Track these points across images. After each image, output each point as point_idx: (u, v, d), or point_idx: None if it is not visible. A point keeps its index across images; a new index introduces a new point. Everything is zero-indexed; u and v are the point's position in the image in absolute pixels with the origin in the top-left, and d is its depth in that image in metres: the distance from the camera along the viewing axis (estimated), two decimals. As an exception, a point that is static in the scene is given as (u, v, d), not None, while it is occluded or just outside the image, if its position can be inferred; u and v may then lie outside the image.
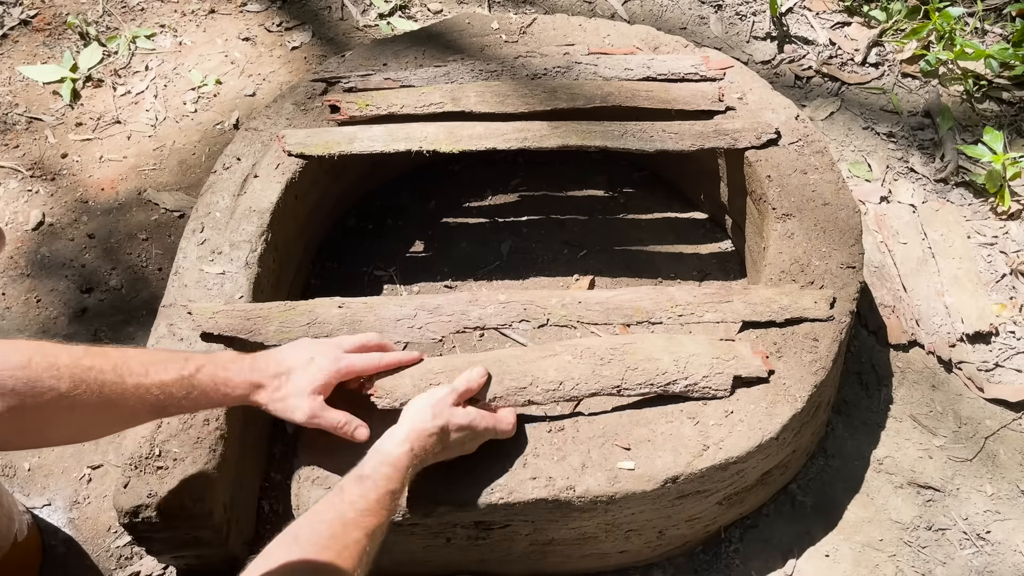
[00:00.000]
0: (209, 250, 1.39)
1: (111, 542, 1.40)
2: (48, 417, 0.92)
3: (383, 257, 1.72)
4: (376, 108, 1.56)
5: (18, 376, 0.90)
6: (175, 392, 1.00)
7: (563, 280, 1.69)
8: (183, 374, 1.01)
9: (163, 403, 1.00)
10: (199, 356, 1.05)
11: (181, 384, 1.01)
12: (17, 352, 0.92)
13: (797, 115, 1.57)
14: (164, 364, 1.01)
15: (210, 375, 1.03)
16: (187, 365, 1.02)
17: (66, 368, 0.93)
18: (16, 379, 0.90)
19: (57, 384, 0.92)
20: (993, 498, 1.45)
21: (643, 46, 1.70)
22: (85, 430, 1.00)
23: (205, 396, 1.03)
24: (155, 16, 2.21)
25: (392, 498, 1.00)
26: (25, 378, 0.90)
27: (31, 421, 0.91)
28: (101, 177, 1.88)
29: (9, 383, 0.89)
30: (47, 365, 0.92)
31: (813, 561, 1.38)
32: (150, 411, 1.00)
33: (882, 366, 1.60)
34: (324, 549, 0.89)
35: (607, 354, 1.23)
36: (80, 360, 0.95)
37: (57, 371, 0.92)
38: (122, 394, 0.96)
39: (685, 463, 1.16)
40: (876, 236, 1.78)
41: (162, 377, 0.99)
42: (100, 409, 0.96)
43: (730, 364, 1.23)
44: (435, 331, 1.29)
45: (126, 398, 0.97)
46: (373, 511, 0.96)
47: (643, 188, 1.84)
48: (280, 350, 1.12)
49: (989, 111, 2.01)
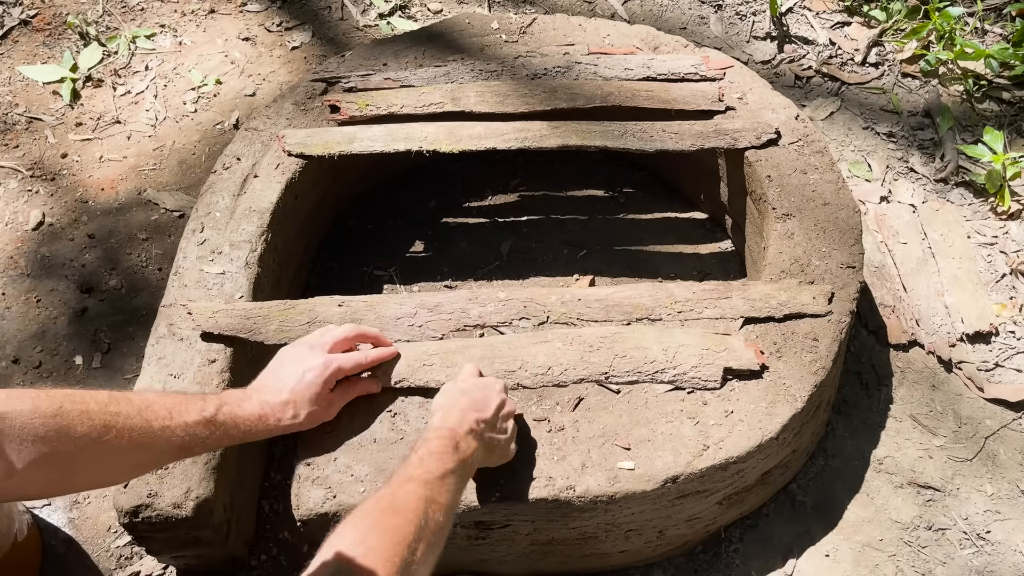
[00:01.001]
0: (209, 250, 1.39)
1: (111, 542, 1.39)
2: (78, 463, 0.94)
3: (383, 257, 1.72)
4: (376, 108, 1.56)
5: (50, 424, 0.91)
6: (199, 433, 1.03)
7: (563, 280, 1.69)
8: (204, 416, 1.04)
9: (188, 444, 1.02)
10: (213, 397, 1.08)
11: (204, 425, 1.04)
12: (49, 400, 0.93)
13: (797, 115, 1.57)
14: (186, 406, 1.04)
15: (230, 414, 1.07)
16: (207, 406, 1.05)
17: (96, 415, 0.95)
18: (48, 427, 0.91)
19: (88, 431, 0.94)
20: (993, 498, 1.45)
21: (643, 46, 1.70)
22: (113, 475, 1.03)
23: (227, 435, 1.07)
24: (155, 16, 2.21)
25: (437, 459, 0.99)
26: (56, 426, 0.91)
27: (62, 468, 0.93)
28: (101, 177, 1.88)
29: (41, 431, 0.90)
30: (78, 412, 0.94)
31: (813, 561, 1.38)
32: (175, 452, 1.03)
33: (882, 366, 1.60)
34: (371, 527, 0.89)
35: (597, 342, 1.25)
36: (108, 407, 0.97)
37: (89, 418, 0.94)
38: (151, 438, 0.99)
39: (685, 463, 1.16)
40: (876, 236, 1.78)
41: (186, 419, 1.02)
42: (129, 453, 0.97)
43: (721, 355, 1.24)
44: (435, 329, 1.30)
45: (155, 441, 0.99)
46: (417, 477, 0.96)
47: (643, 188, 1.84)
48: (275, 375, 1.14)
49: (989, 111, 2.01)
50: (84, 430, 0.93)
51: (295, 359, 1.15)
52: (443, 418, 1.07)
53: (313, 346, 1.16)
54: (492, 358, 1.23)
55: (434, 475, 0.97)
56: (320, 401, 1.13)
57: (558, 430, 1.20)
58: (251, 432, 1.09)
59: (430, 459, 0.99)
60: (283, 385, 1.12)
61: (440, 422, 1.07)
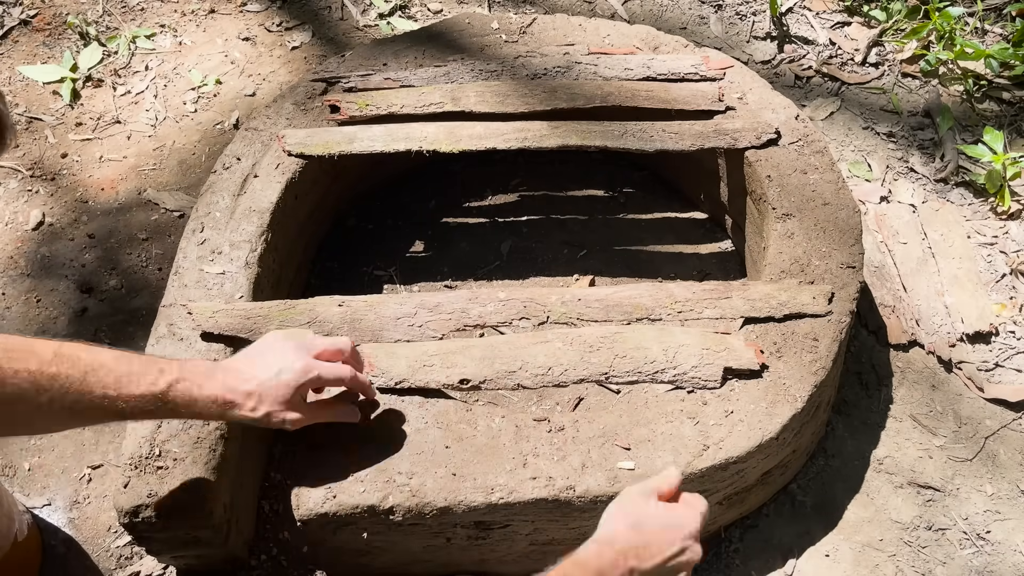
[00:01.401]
0: (209, 250, 1.39)
1: (111, 542, 1.39)
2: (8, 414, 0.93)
3: (383, 257, 1.72)
4: (376, 108, 1.56)
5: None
6: (144, 406, 0.99)
7: (563, 280, 1.69)
8: (153, 391, 0.99)
9: (129, 414, 0.99)
10: (175, 369, 1.02)
11: (151, 399, 0.99)
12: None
13: (797, 115, 1.57)
14: (136, 378, 0.99)
15: (183, 391, 1.01)
16: (159, 380, 1.00)
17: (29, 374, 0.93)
18: None
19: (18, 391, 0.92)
20: (993, 498, 1.45)
21: (643, 46, 1.70)
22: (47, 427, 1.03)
23: (176, 412, 1.02)
24: (155, 16, 2.21)
25: None
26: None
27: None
28: (101, 177, 1.88)
29: None
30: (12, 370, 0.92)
31: (813, 561, 1.38)
32: (115, 419, 1.00)
33: (882, 366, 1.60)
34: None
35: (597, 342, 1.25)
36: (49, 366, 0.94)
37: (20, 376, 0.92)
38: (88, 404, 0.96)
39: (685, 463, 1.16)
40: (876, 236, 1.78)
41: (132, 391, 0.98)
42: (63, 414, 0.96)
43: (721, 355, 1.24)
44: (435, 329, 1.30)
45: (91, 408, 0.97)
46: None
47: (643, 188, 1.84)
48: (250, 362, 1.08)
49: (989, 111, 2.01)
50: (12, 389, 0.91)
51: (276, 353, 1.08)
52: (595, 556, 0.94)
53: (299, 347, 1.09)
54: (492, 358, 1.23)
55: None
56: (288, 405, 1.06)
57: (558, 430, 1.20)
58: (204, 414, 1.04)
59: None
60: (253, 375, 1.05)
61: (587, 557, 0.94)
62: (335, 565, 1.27)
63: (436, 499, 1.13)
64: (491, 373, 1.21)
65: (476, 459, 1.16)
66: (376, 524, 1.15)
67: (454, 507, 1.13)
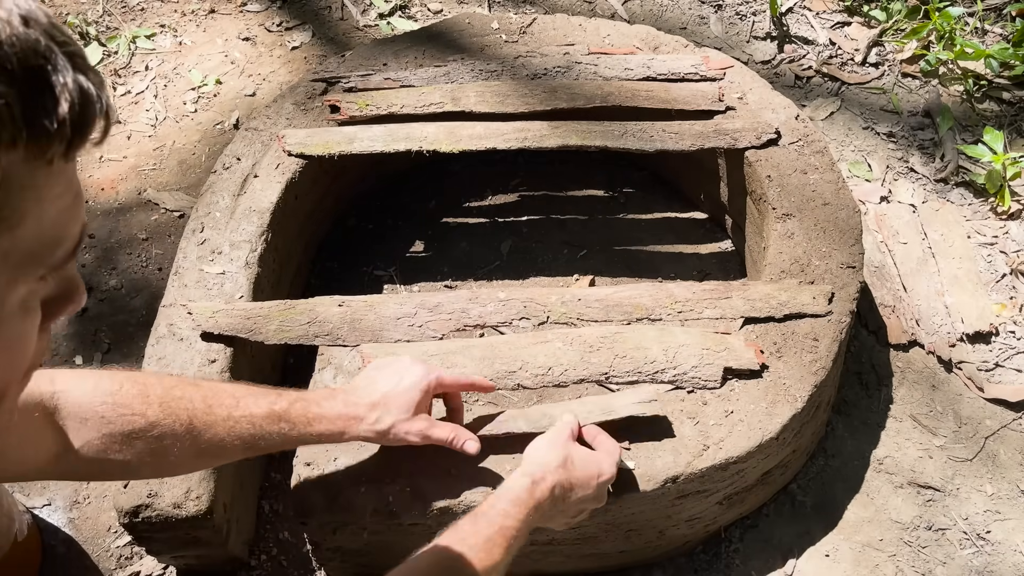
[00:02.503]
0: (209, 250, 1.39)
1: (111, 542, 1.39)
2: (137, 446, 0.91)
3: (383, 257, 1.72)
4: (376, 108, 1.56)
5: (108, 402, 0.89)
6: (265, 426, 0.97)
7: (563, 280, 1.69)
8: (274, 409, 0.97)
9: (253, 436, 0.96)
10: (291, 392, 1.01)
11: (273, 419, 0.97)
12: (111, 380, 0.91)
13: (797, 115, 1.57)
14: (255, 397, 0.98)
15: (302, 410, 0.99)
16: (279, 400, 0.99)
17: (155, 396, 0.92)
18: (106, 405, 0.89)
19: (145, 410, 0.90)
20: (993, 498, 1.45)
21: (643, 46, 1.70)
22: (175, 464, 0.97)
23: (298, 433, 0.99)
24: (155, 16, 2.21)
25: (507, 536, 0.92)
26: (114, 403, 0.89)
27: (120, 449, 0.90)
28: (101, 177, 1.88)
29: (100, 409, 0.88)
30: (137, 392, 0.91)
31: (813, 561, 1.38)
32: (240, 445, 0.97)
33: (882, 366, 1.60)
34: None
35: (597, 342, 1.25)
36: (171, 390, 0.93)
37: (147, 398, 0.91)
38: (211, 425, 0.94)
39: (685, 463, 1.16)
40: (876, 236, 1.77)
41: (252, 410, 0.96)
42: (188, 439, 0.93)
43: (721, 355, 1.24)
44: (435, 329, 1.30)
45: (215, 430, 0.94)
46: (483, 548, 0.90)
47: (643, 188, 1.84)
48: (368, 377, 1.06)
49: (989, 111, 2.01)
50: (141, 408, 0.90)
51: (393, 366, 1.07)
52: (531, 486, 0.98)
53: (415, 360, 1.08)
54: (492, 358, 1.23)
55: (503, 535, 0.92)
56: (415, 413, 1.03)
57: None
58: (324, 434, 1.01)
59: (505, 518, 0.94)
60: (376, 387, 1.03)
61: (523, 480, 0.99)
62: (335, 565, 1.27)
63: (436, 499, 1.13)
64: (491, 373, 1.21)
65: (476, 459, 1.16)
66: (376, 524, 1.15)
67: (454, 507, 1.13)
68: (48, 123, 0.44)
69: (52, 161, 0.46)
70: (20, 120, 0.43)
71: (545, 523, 1.02)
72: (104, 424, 0.88)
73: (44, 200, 0.47)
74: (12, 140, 0.43)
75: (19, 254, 0.47)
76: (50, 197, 0.48)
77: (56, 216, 0.49)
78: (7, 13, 0.43)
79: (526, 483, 0.98)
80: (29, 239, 0.47)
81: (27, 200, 0.46)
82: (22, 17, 0.43)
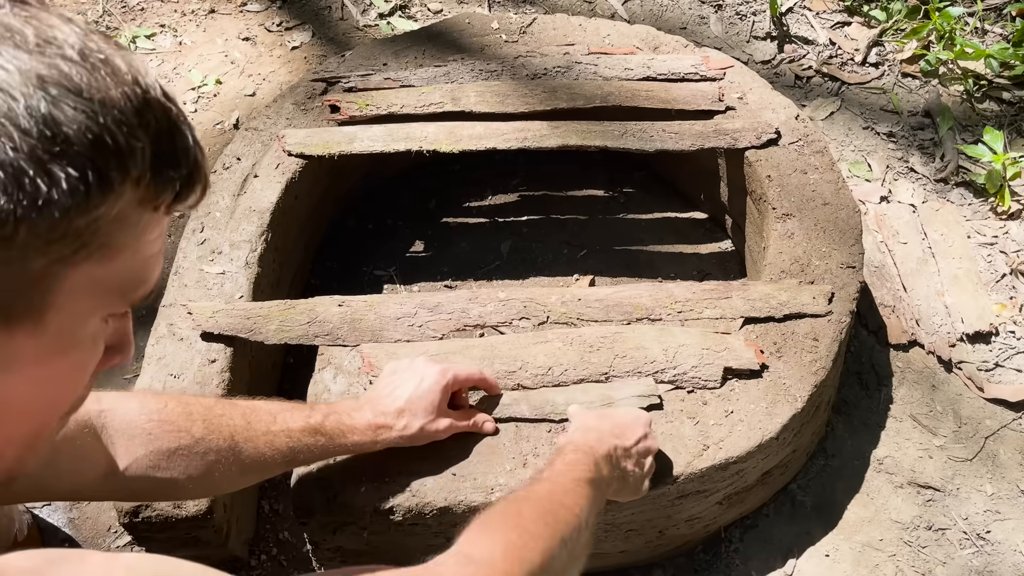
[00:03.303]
0: (209, 250, 1.39)
1: (111, 542, 1.39)
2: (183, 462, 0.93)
3: (383, 257, 1.72)
4: (376, 108, 1.56)
5: (154, 419, 0.92)
6: (304, 440, 1.00)
7: (563, 280, 1.69)
8: (310, 422, 1.01)
9: (292, 450, 1.00)
10: (322, 406, 1.05)
11: (310, 432, 1.01)
12: (155, 399, 0.95)
13: (797, 115, 1.57)
14: (290, 412, 1.01)
15: (336, 423, 1.03)
16: (313, 414, 1.02)
17: (198, 414, 0.95)
18: (152, 422, 0.91)
19: (190, 427, 0.93)
20: (993, 498, 1.45)
21: (643, 46, 1.70)
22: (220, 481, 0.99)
23: (334, 445, 1.03)
24: (155, 16, 2.21)
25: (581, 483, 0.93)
26: (159, 420, 0.92)
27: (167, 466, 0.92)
28: (101, 177, 1.88)
29: (147, 426, 0.91)
30: (181, 410, 0.94)
31: (813, 561, 1.38)
32: (280, 459, 1.00)
33: (882, 366, 1.60)
34: None
35: (597, 342, 1.25)
36: (211, 408, 0.97)
37: (190, 416, 0.94)
38: (251, 440, 0.97)
39: (685, 463, 1.16)
40: (876, 236, 1.77)
41: (289, 424, 1.00)
42: (231, 455, 0.96)
43: (721, 355, 1.24)
44: (435, 329, 1.30)
45: (256, 444, 0.98)
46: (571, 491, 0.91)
47: (643, 188, 1.84)
48: (389, 383, 1.10)
49: (989, 111, 2.01)
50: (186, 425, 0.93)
51: (409, 369, 1.10)
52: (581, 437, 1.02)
53: (428, 360, 1.12)
54: (492, 358, 1.23)
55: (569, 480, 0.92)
56: (437, 413, 1.08)
57: (559, 430, 1.20)
58: (360, 444, 1.05)
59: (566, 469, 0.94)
60: (399, 393, 1.07)
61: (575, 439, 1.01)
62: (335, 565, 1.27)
63: (436, 499, 1.13)
64: (491, 373, 1.21)
65: (476, 459, 1.16)
66: (376, 524, 1.15)
67: (454, 507, 1.13)
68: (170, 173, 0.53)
69: (158, 208, 0.54)
70: (150, 165, 0.51)
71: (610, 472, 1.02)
72: (151, 441, 0.91)
73: (141, 241, 0.54)
74: (137, 181, 0.51)
75: (107, 284, 0.54)
76: (146, 240, 0.55)
77: (145, 259, 0.56)
78: (154, 85, 0.53)
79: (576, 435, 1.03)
80: (120, 273, 0.54)
81: (129, 237, 0.53)
82: (162, 90, 0.54)
